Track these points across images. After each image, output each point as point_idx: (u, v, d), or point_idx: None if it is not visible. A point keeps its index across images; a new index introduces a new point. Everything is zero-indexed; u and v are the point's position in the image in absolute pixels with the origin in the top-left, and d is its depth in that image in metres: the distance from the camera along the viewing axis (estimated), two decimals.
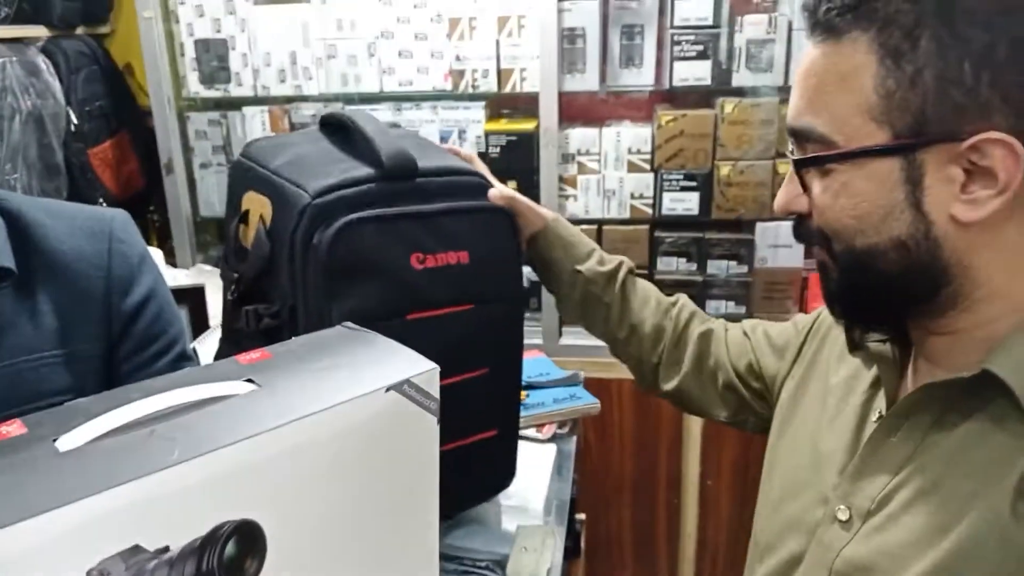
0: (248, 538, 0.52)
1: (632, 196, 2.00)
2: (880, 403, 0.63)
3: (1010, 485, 0.50)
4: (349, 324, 0.69)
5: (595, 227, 2.01)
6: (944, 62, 0.51)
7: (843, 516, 0.59)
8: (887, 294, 0.58)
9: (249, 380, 0.57)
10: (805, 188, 0.58)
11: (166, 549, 0.47)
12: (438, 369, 0.61)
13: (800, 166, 0.58)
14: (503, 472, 0.94)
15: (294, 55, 2.04)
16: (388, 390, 0.58)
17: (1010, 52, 0.49)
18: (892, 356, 0.64)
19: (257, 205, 0.85)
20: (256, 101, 2.13)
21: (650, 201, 1.99)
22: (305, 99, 2.09)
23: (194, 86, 2.14)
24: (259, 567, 0.53)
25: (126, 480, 0.45)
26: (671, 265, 2.03)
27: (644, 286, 0.94)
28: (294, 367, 0.60)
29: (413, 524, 0.64)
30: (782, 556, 0.65)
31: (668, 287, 2.08)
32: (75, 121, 2.15)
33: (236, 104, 2.15)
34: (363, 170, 0.80)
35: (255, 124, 2.14)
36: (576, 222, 2.08)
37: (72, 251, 0.86)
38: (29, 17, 2.05)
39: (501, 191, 0.89)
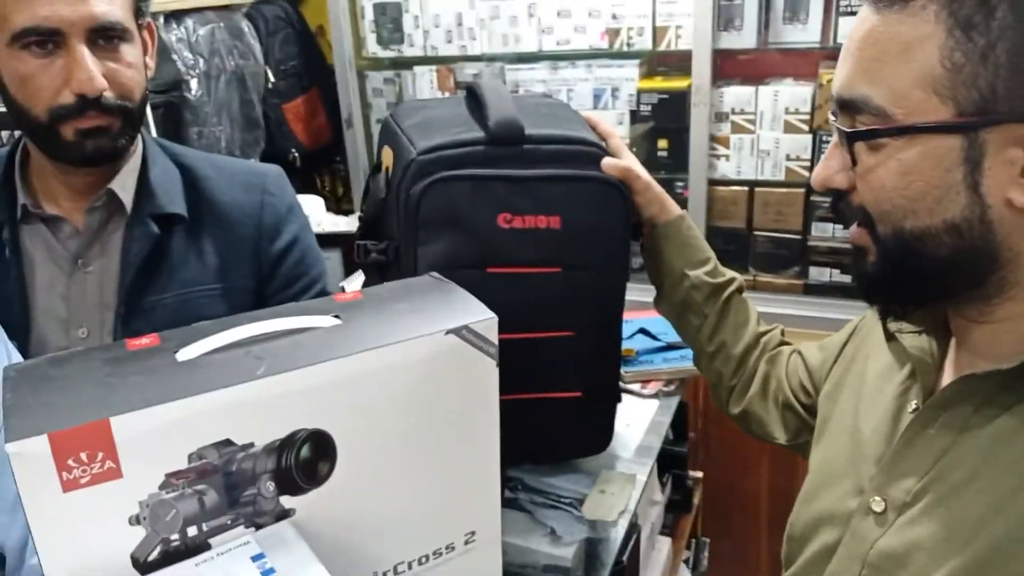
0: (320, 445, 0.62)
1: (788, 158, 1.92)
2: (916, 393, 0.61)
3: None
4: (435, 274, 0.77)
5: (747, 189, 1.96)
6: (1021, 37, 0.48)
7: (878, 508, 0.58)
8: (934, 280, 0.55)
9: (336, 316, 0.67)
10: (854, 163, 0.56)
11: (251, 445, 0.59)
12: (495, 319, 0.68)
13: (854, 138, 0.55)
14: (592, 435, 0.98)
15: (460, 16, 2.14)
16: (448, 333, 0.65)
17: None
18: (928, 347, 0.62)
19: (387, 158, 0.95)
20: (426, 61, 2.26)
21: (807, 163, 1.90)
22: (469, 59, 2.20)
23: (372, 46, 2.32)
24: (330, 471, 0.63)
25: (221, 386, 0.57)
26: (826, 231, 1.94)
27: (747, 309, 0.92)
28: (376, 307, 0.69)
29: (474, 454, 0.72)
30: (815, 548, 0.65)
31: (821, 253, 2.02)
32: (272, 79, 2.41)
33: (408, 63, 2.30)
34: (473, 134, 0.87)
35: (424, 82, 2.29)
36: (728, 183, 2.08)
37: (231, 201, 1.02)
38: None
39: (615, 163, 0.88)
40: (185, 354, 0.61)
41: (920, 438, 0.58)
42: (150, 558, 0.57)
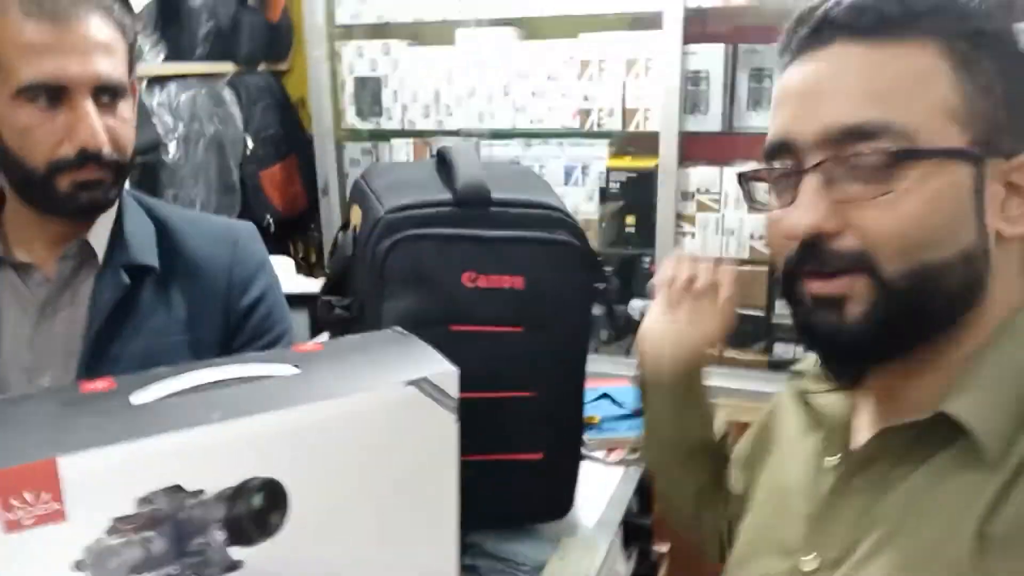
0: (273, 494, 0.61)
1: (751, 237, 1.98)
2: (832, 451, 0.62)
3: (969, 531, 0.49)
4: (398, 328, 0.78)
5: None
6: (1007, 81, 0.52)
7: (811, 567, 0.58)
8: (938, 317, 0.53)
9: (295, 365, 0.67)
10: (838, 199, 0.52)
11: (201, 492, 0.58)
12: (456, 372, 0.69)
13: (902, 157, 0.50)
14: (554, 499, 0.97)
15: (438, 93, 2.21)
16: (407, 384, 0.66)
17: None
18: (839, 403, 0.63)
19: (356, 216, 0.97)
20: (403, 134, 2.32)
21: None
22: (445, 133, 2.26)
23: (351, 118, 2.38)
24: (280, 522, 0.62)
25: (173, 429, 0.57)
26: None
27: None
28: (335, 358, 0.70)
29: (431, 511, 0.71)
30: None
31: (786, 330, 2.06)
32: (251, 145, 2.45)
33: (386, 136, 2.36)
34: (441, 195, 0.90)
35: (401, 155, 2.34)
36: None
37: (203, 255, 1.03)
38: (220, 54, 2.37)
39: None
40: (139, 398, 0.60)
41: (845, 495, 0.58)
42: None
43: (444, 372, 0.68)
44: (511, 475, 0.91)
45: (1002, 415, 0.51)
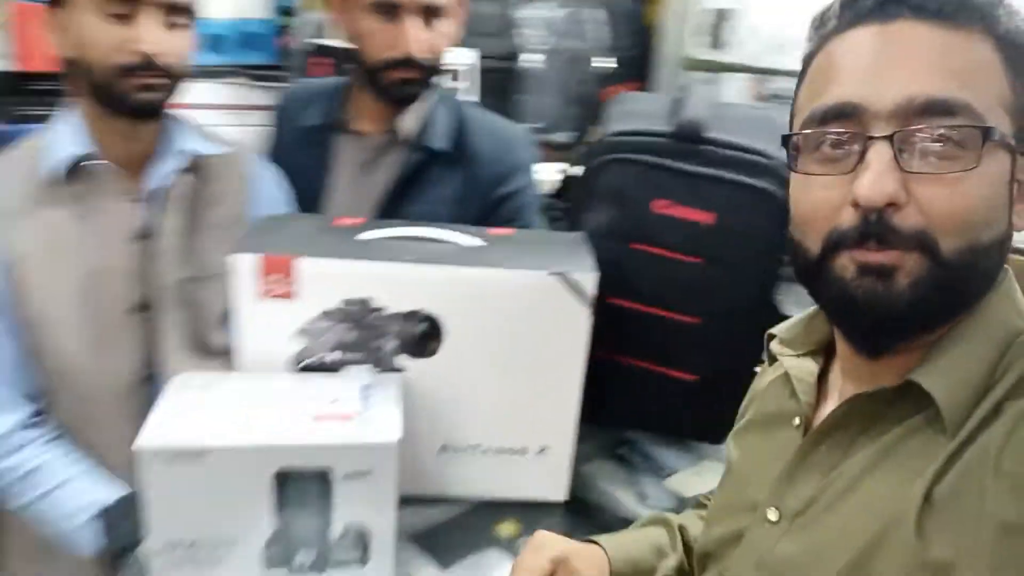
0: (433, 327, 0.82)
1: None
2: (800, 413, 0.64)
3: (918, 493, 0.51)
4: (581, 234, 0.92)
5: None
6: None
7: (773, 517, 0.61)
8: (970, 298, 0.54)
9: (484, 241, 0.86)
10: (908, 172, 0.51)
11: (383, 309, 0.81)
12: (596, 275, 0.81)
13: (987, 136, 0.51)
14: (705, 422, 1.03)
15: (784, 30, 2.16)
16: (551, 274, 0.81)
17: None
18: (809, 368, 0.64)
19: (595, 134, 1.11)
20: (743, 69, 2.32)
21: None
22: (786, 73, 2.20)
23: (697, 49, 2.43)
24: (435, 350, 0.83)
25: (373, 259, 0.79)
26: None
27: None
28: (515, 243, 0.87)
29: (556, 383, 0.86)
30: (720, 565, 0.67)
31: None
32: (603, 65, 2.64)
33: (726, 69, 2.37)
34: (661, 127, 0.99)
35: (733, 90, 2.35)
36: None
37: (482, 148, 1.25)
38: None
39: None
40: (364, 235, 0.84)
41: (812, 456, 0.60)
42: (305, 363, 0.82)
43: (585, 274, 0.81)
44: (667, 389, 1.01)
45: (966, 388, 0.52)
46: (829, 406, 0.62)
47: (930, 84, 0.51)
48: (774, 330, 0.71)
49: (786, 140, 0.58)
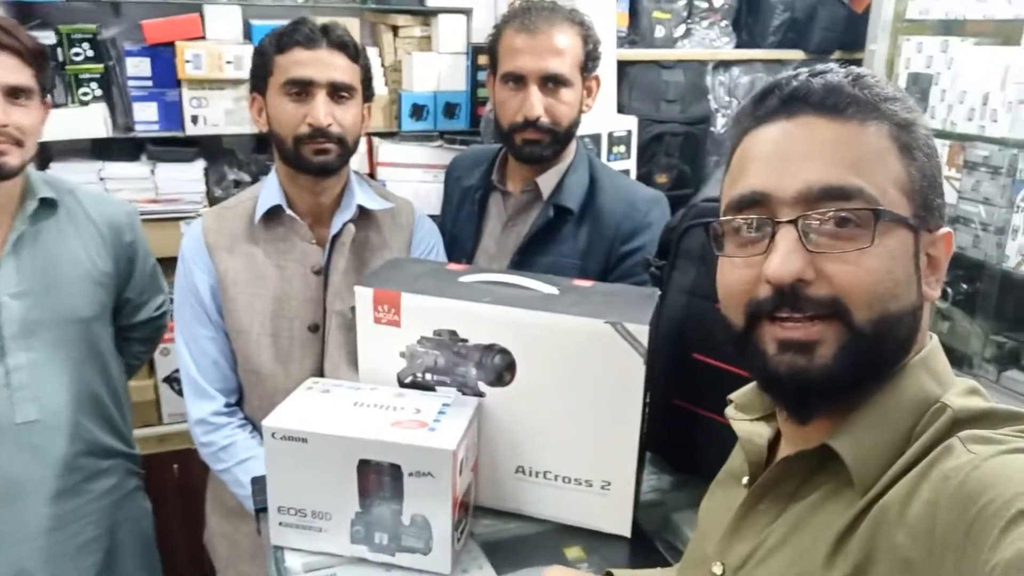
0: (506, 361, 0.96)
1: None
2: (746, 472, 0.69)
3: (827, 544, 0.56)
4: (655, 290, 1.02)
5: None
6: (929, 165, 0.60)
7: (718, 571, 0.66)
8: (887, 364, 0.59)
9: (559, 289, 0.99)
10: (813, 251, 0.57)
11: (466, 340, 0.96)
12: (647, 327, 0.91)
13: (878, 217, 0.56)
14: None
15: (987, 96, 2.04)
16: (606, 323, 0.91)
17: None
18: (759, 431, 0.68)
19: None
20: (942, 135, 2.20)
21: None
22: (987, 140, 2.07)
23: None
24: (510, 381, 0.96)
25: (463, 299, 0.95)
26: None
27: None
28: (587, 294, 0.99)
29: (615, 423, 0.95)
30: None
31: None
32: None
33: None
34: None
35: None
36: None
37: (609, 208, 1.38)
38: (791, 43, 2.58)
39: None
40: (464, 279, 1.01)
41: (751, 514, 0.65)
42: (406, 380, 1.01)
43: (638, 325, 0.91)
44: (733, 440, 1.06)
45: (877, 451, 0.56)
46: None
47: (827, 173, 0.57)
48: (732, 395, 0.76)
49: (707, 227, 0.65)
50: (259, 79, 1.26)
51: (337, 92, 1.23)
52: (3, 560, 1.30)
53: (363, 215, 1.32)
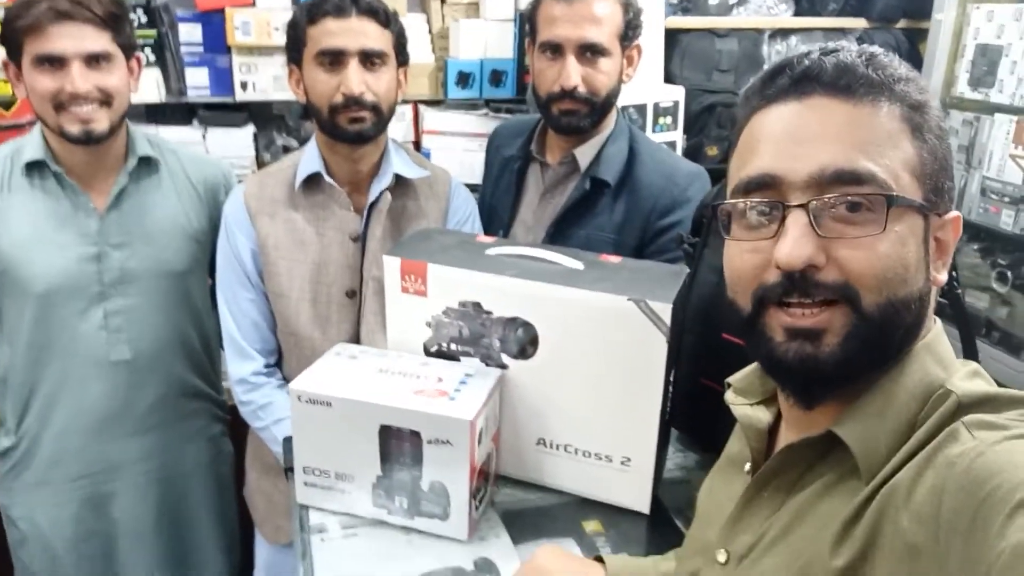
0: (530, 334, 0.97)
1: None
2: (749, 459, 0.68)
3: (833, 532, 0.55)
4: (677, 267, 1.00)
5: None
6: (939, 151, 0.59)
7: (722, 559, 0.66)
8: (894, 350, 0.58)
9: (585, 265, 0.99)
10: (823, 236, 0.56)
11: (491, 312, 0.97)
12: (670, 305, 0.90)
13: (891, 203, 0.55)
14: None
15: None
16: (629, 299, 0.91)
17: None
18: (760, 416, 0.67)
19: None
20: (1010, 110, 2.10)
21: None
22: None
23: (962, 86, 2.24)
24: (533, 353, 0.97)
25: (488, 272, 0.96)
26: None
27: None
28: (613, 270, 0.98)
29: (637, 399, 0.95)
30: None
31: None
32: None
33: (991, 109, 2.16)
34: None
35: (1000, 132, 2.13)
36: None
37: (647, 180, 1.36)
38: (854, 10, 2.48)
39: None
40: (491, 251, 1.02)
41: (755, 502, 0.64)
42: (432, 349, 1.02)
43: (661, 303, 0.90)
44: None
45: (882, 437, 0.56)
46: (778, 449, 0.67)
47: (839, 156, 0.56)
48: (731, 379, 0.75)
49: (715, 210, 0.64)
50: (294, 51, 1.28)
51: (369, 59, 1.24)
52: (89, 484, 1.45)
53: (400, 183, 1.34)
